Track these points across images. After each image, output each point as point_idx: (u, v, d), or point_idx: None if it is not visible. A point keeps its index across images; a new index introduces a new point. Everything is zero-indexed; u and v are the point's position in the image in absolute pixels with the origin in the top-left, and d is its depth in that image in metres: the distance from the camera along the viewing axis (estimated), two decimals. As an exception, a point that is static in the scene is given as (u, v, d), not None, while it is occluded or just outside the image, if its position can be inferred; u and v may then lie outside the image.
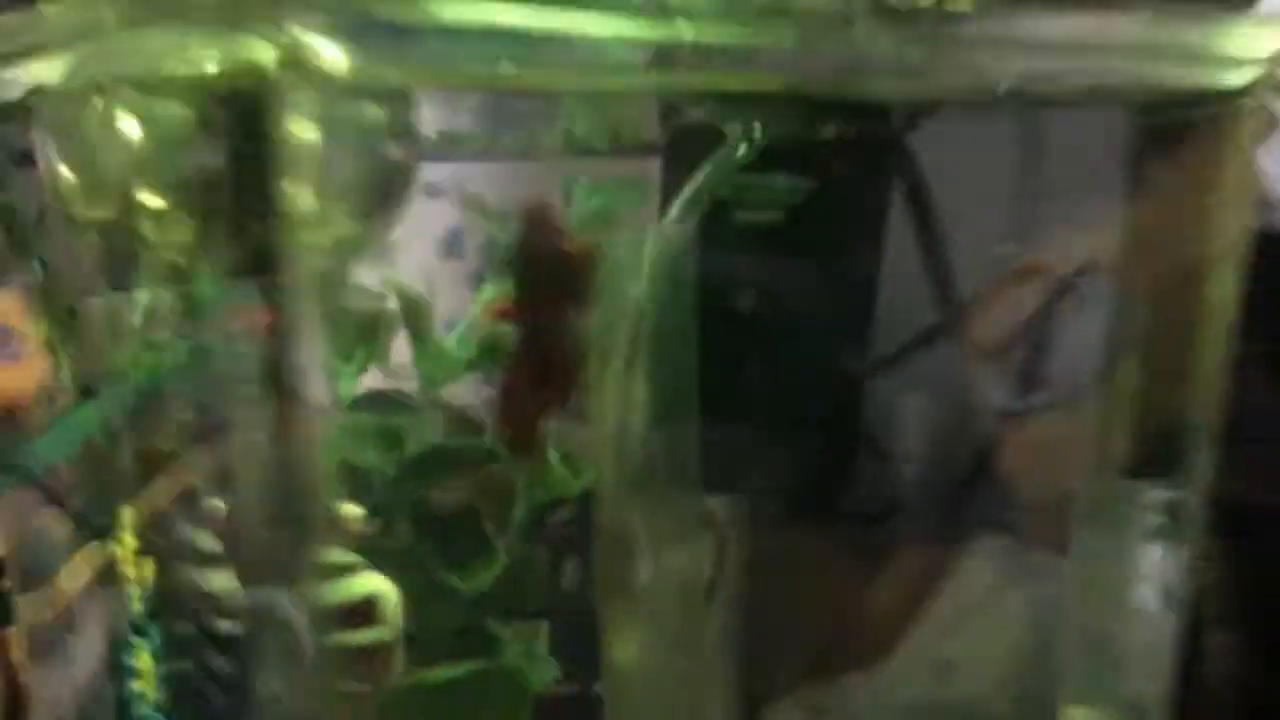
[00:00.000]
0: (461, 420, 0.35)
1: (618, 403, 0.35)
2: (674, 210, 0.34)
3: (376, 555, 0.33)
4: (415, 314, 0.34)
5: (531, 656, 0.35)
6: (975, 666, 0.46)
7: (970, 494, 0.49)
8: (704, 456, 0.37)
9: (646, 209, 0.36)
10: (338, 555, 0.28)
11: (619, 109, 0.35)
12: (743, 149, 0.34)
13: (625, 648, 0.35)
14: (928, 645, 0.47)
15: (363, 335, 0.35)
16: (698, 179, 0.34)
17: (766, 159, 0.35)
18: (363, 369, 0.35)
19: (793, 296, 0.38)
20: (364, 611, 0.29)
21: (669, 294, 0.35)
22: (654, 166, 0.37)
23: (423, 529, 0.34)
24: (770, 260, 0.38)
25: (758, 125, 0.34)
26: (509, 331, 0.36)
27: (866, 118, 0.36)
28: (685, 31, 0.26)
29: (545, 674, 0.36)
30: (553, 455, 0.36)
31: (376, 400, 0.35)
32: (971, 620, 0.48)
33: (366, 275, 0.34)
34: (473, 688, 0.33)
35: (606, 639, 0.35)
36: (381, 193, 0.26)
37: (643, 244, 0.35)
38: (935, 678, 0.47)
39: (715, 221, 0.36)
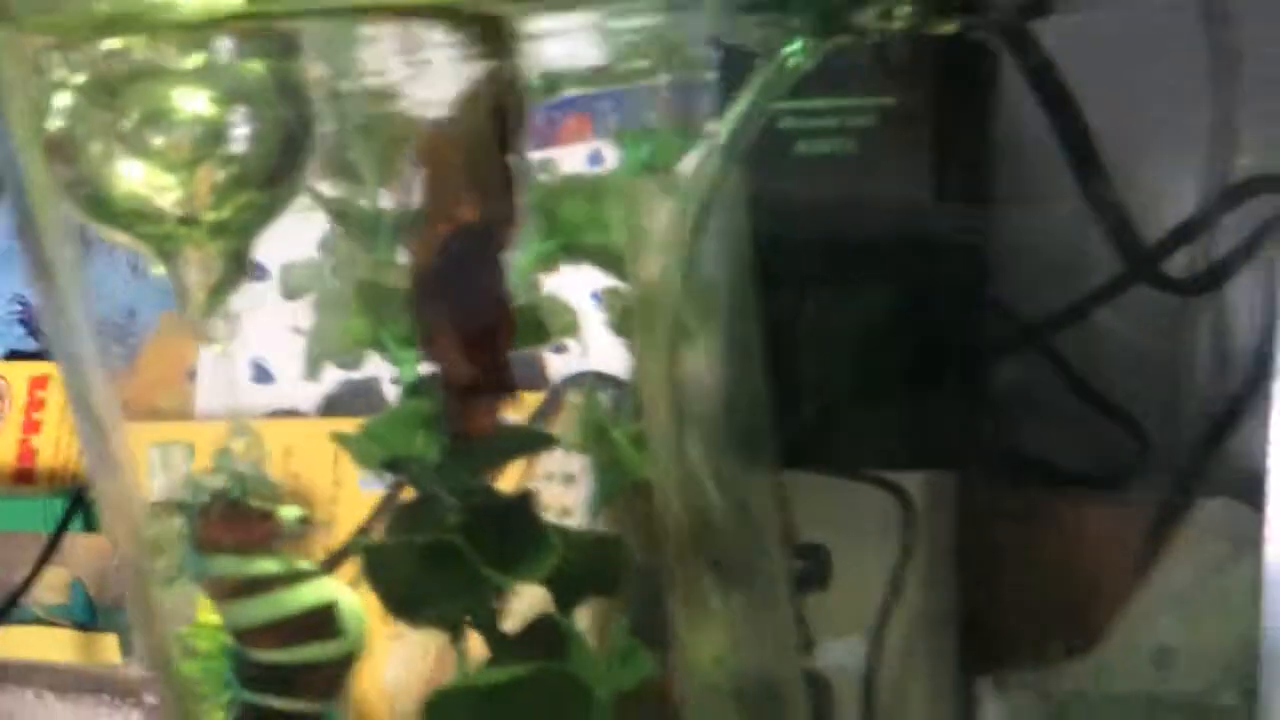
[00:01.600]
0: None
1: (668, 373, 0.31)
2: (714, 146, 0.29)
3: (421, 548, 0.31)
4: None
5: (612, 653, 0.32)
6: (1197, 654, 0.39)
7: (1205, 453, 0.41)
8: (895, 431, 0.33)
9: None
10: (284, 562, 0.26)
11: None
12: (796, 58, 0.28)
13: (700, 646, 0.31)
14: (1145, 628, 0.40)
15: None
16: (740, 102, 0.29)
17: (830, 75, 0.30)
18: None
19: (913, 244, 0.33)
20: (320, 622, 0.27)
21: (720, 246, 0.31)
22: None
23: (472, 518, 0.31)
24: (852, 197, 0.32)
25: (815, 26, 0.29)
26: (564, 303, 0.33)
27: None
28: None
29: (628, 671, 0.32)
30: (620, 435, 0.33)
31: (429, 386, 0.33)
32: (1197, 598, 0.41)
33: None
34: (528, 692, 0.30)
35: (678, 637, 0.31)
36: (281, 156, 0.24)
37: (686, 191, 0.30)
38: (1154, 665, 0.40)
39: (776, 155, 0.31)
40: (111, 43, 0.22)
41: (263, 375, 0.56)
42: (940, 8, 0.24)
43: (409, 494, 0.32)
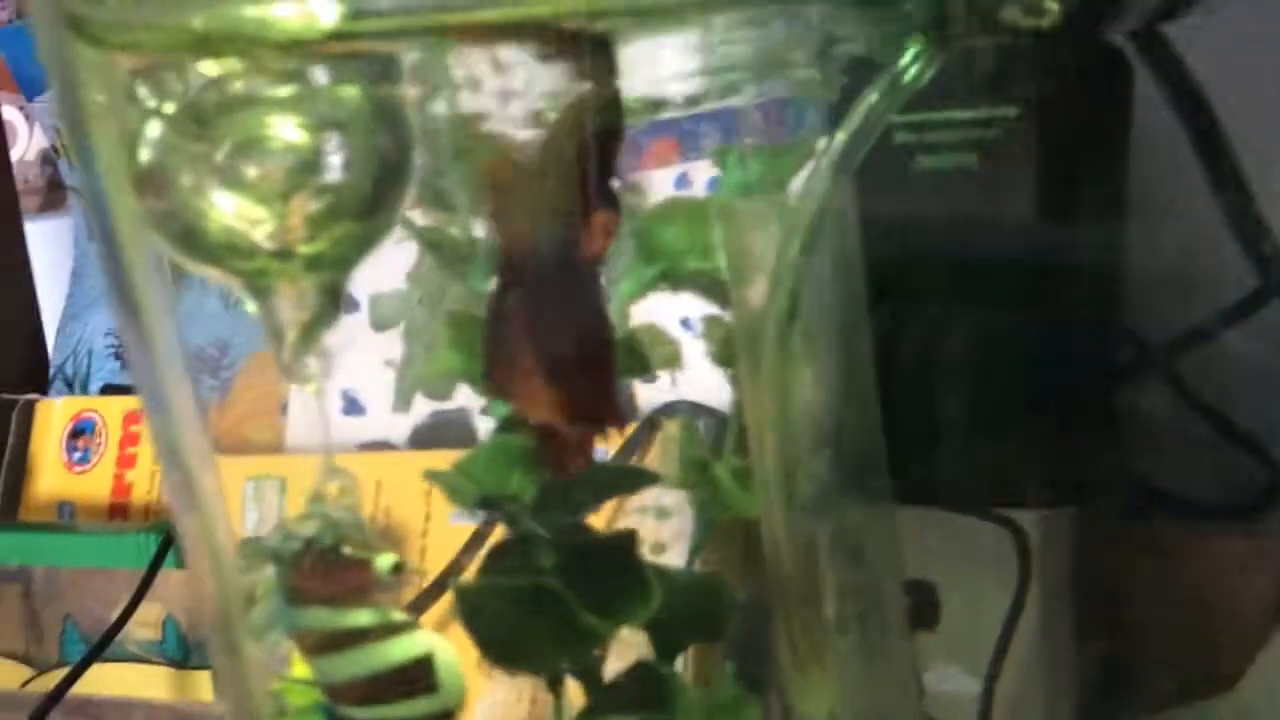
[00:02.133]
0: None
1: (776, 404, 0.29)
2: (824, 161, 0.28)
3: (517, 591, 0.29)
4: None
5: (717, 703, 0.30)
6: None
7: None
8: (1015, 466, 0.31)
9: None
10: (378, 614, 0.25)
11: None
12: (914, 69, 0.26)
13: (811, 694, 0.29)
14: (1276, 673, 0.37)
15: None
16: (853, 118, 0.27)
17: (953, 85, 0.28)
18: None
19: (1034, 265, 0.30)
20: (416, 676, 0.25)
21: (831, 267, 0.29)
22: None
23: (569, 559, 0.30)
24: (973, 216, 0.30)
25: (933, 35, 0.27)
26: (665, 333, 0.31)
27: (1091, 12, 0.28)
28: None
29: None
30: (721, 472, 0.31)
31: (523, 421, 0.31)
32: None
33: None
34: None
35: (787, 685, 0.29)
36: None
37: (793, 211, 0.29)
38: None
39: (891, 172, 0.29)
40: (204, 69, 0.21)
41: (353, 407, 0.55)
42: (1087, 6, 0.22)
43: (501, 531, 0.31)
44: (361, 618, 0.24)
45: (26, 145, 0.75)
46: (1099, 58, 0.29)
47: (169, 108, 0.21)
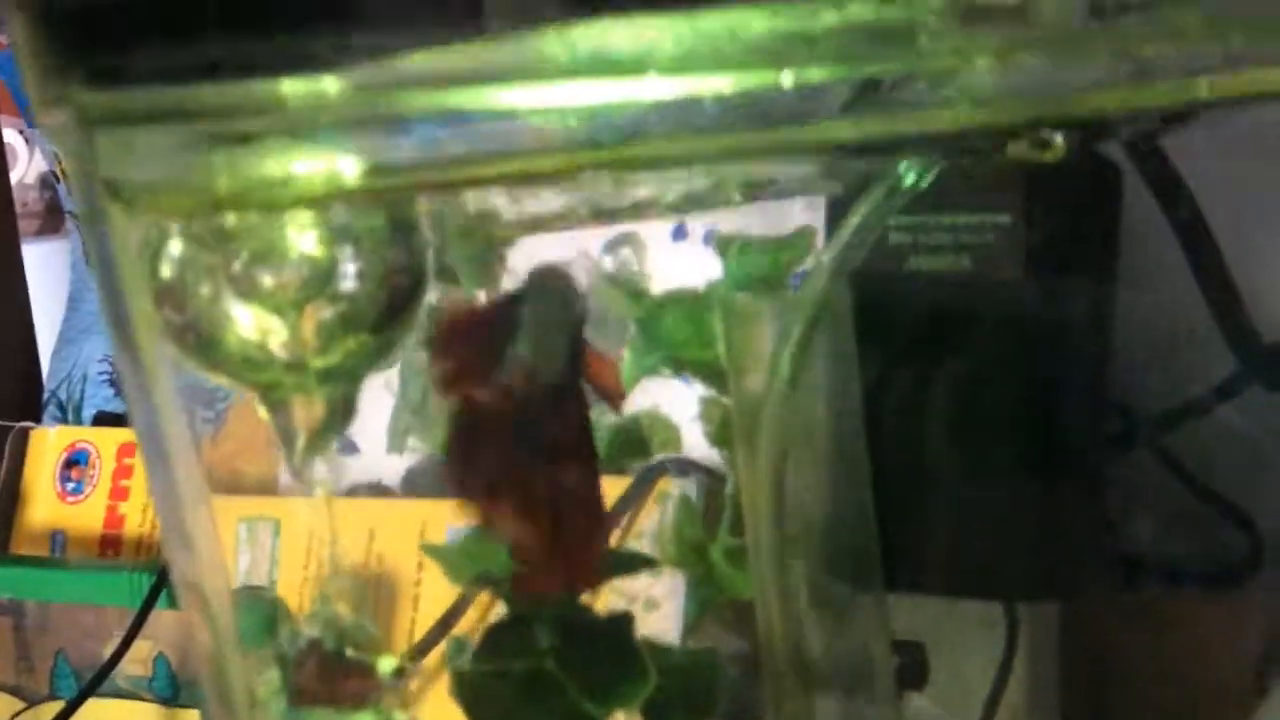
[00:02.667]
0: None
1: (770, 493, 0.29)
2: (823, 262, 0.28)
3: (516, 676, 0.30)
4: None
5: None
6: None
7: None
8: (1009, 557, 0.32)
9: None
10: (381, 717, 0.25)
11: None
12: (912, 177, 0.27)
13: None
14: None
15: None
16: (852, 222, 0.28)
17: (948, 191, 0.29)
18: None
19: (1011, 360, 0.31)
20: None
21: (827, 362, 0.30)
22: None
23: (565, 641, 0.30)
24: (965, 315, 0.31)
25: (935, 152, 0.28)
26: (665, 419, 0.32)
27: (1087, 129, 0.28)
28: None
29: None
30: (716, 554, 0.32)
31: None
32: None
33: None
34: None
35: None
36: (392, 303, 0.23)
37: (793, 304, 0.29)
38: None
39: (887, 272, 0.30)
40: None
41: (348, 447, 0.56)
42: (1091, 135, 0.23)
43: (488, 599, 0.31)
44: (365, 720, 0.25)
45: (26, 168, 0.75)
46: (1089, 164, 0.30)
47: (191, 227, 0.22)
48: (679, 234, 0.52)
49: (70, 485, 0.60)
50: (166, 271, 0.22)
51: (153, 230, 0.22)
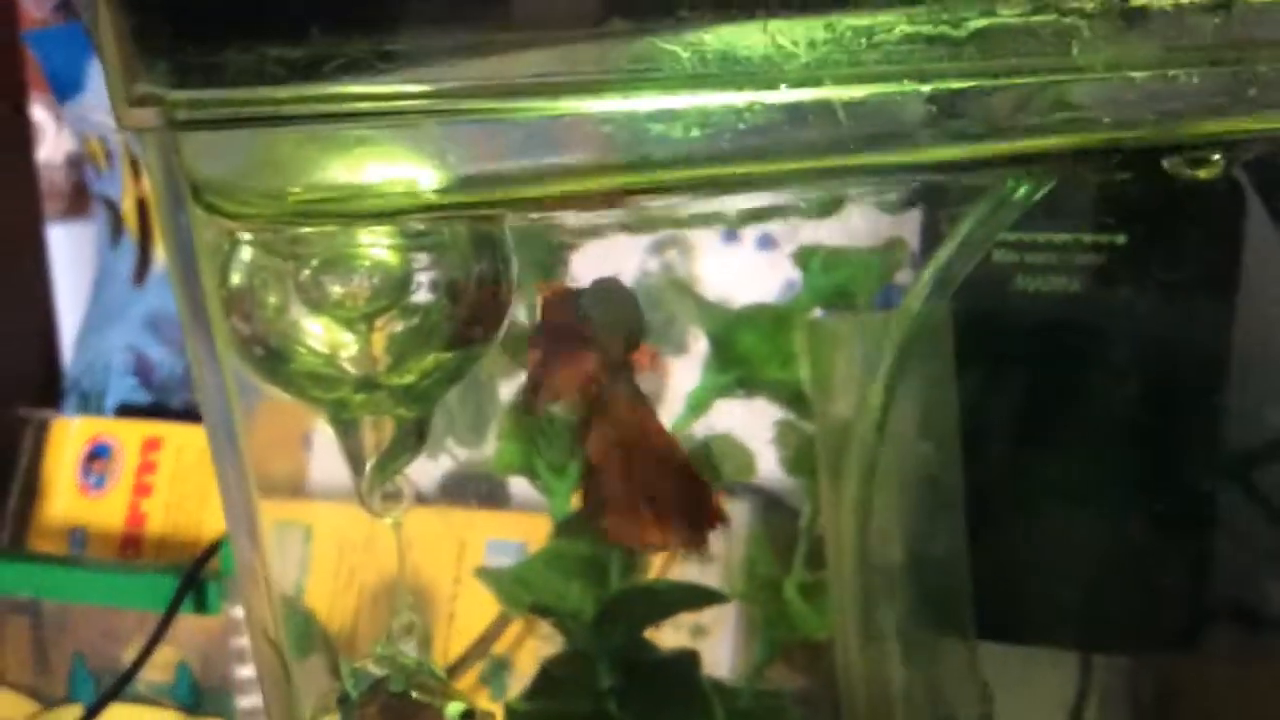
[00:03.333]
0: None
1: (857, 528, 0.27)
2: (924, 279, 0.26)
3: (571, 717, 0.28)
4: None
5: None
6: None
7: None
8: (1113, 610, 0.29)
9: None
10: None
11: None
12: (1020, 191, 0.25)
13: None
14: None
15: (576, 446, 0.30)
16: (957, 236, 0.26)
17: (1057, 210, 0.27)
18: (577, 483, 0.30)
19: (1109, 384, 0.29)
20: None
21: (921, 389, 0.27)
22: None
23: (627, 679, 0.28)
24: (1072, 341, 0.28)
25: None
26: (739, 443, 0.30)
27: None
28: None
29: None
30: (790, 590, 0.30)
31: (583, 523, 0.30)
32: None
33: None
34: None
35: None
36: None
37: (884, 325, 0.27)
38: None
39: (990, 293, 0.28)
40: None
41: (381, 451, 0.54)
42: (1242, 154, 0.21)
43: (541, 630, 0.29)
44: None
45: (54, 147, 0.73)
46: (1207, 190, 0.27)
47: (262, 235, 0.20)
48: (730, 237, 0.50)
49: (92, 479, 0.58)
50: (236, 279, 0.20)
51: (223, 236, 0.20)
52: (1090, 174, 0.22)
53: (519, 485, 0.38)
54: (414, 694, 0.23)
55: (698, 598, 0.30)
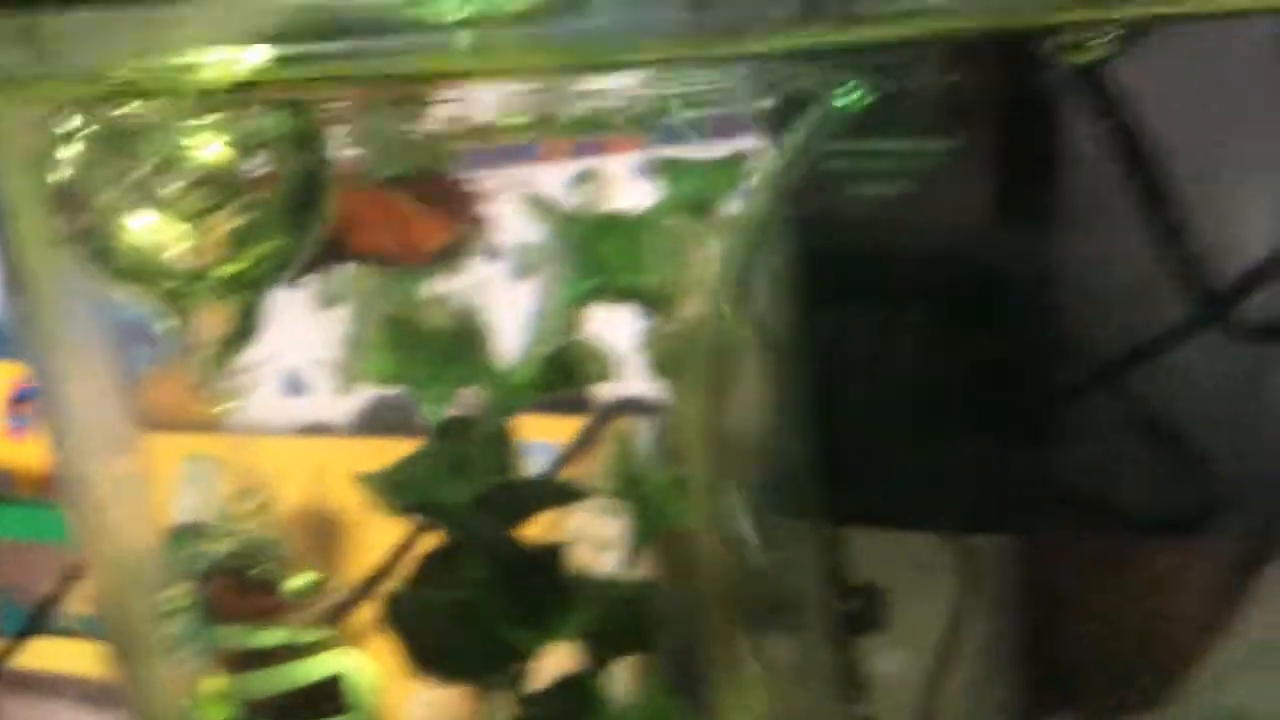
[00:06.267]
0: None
1: (709, 418, 0.29)
2: (758, 186, 0.28)
3: (447, 604, 0.29)
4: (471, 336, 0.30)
5: (645, 712, 0.31)
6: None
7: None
8: (954, 489, 0.31)
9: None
10: (289, 634, 0.24)
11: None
12: (851, 97, 0.26)
13: (737, 705, 0.29)
14: (1223, 686, 0.38)
15: (449, 355, 0.31)
16: (791, 142, 0.27)
17: (887, 117, 0.28)
18: (452, 391, 0.32)
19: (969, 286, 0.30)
20: (328, 696, 0.25)
21: (767, 285, 0.29)
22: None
23: (500, 570, 0.30)
24: (918, 244, 0.30)
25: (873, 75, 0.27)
26: (597, 348, 0.31)
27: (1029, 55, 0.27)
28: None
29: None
30: (654, 484, 0.31)
31: (458, 427, 0.31)
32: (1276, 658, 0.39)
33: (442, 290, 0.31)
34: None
35: (715, 696, 0.29)
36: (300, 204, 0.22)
37: (730, 228, 0.28)
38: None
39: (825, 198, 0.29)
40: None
41: (294, 387, 0.55)
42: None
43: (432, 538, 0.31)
44: (273, 637, 0.24)
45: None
46: (1028, 92, 0.29)
47: (90, 129, 0.21)
48: (645, 170, 0.51)
49: (17, 422, 0.59)
50: (64, 176, 0.21)
51: (44, 135, 0.21)
52: (929, 75, 0.23)
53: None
54: (255, 569, 0.25)
55: (565, 495, 0.31)
